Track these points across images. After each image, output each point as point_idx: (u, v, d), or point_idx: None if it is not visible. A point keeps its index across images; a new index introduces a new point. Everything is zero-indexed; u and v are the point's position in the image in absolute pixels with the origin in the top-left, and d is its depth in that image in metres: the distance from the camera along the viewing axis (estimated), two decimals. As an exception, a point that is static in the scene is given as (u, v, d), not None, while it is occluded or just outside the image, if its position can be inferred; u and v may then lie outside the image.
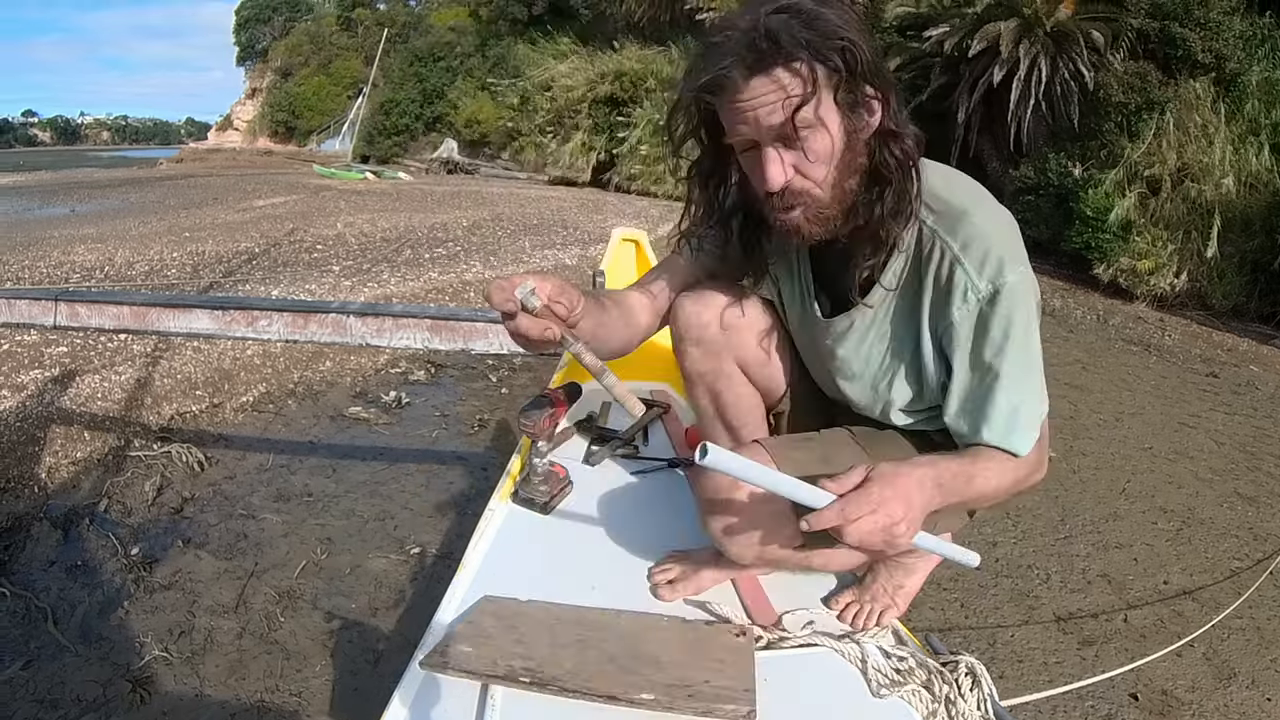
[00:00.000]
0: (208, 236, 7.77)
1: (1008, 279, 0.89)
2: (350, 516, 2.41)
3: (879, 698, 0.99)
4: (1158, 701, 1.77)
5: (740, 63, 0.82)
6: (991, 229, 0.91)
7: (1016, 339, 0.91)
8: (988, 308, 0.90)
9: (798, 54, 0.81)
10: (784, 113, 0.83)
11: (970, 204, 0.93)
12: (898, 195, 0.90)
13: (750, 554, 1.04)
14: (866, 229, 0.93)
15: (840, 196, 0.90)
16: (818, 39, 0.81)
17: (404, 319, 1.95)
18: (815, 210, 0.91)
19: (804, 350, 1.19)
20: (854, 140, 0.88)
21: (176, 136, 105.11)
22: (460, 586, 1.17)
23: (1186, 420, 3.75)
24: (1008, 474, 0.94)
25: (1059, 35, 8.21)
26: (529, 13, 20.45)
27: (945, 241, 0.92)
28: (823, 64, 0.82)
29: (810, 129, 0.84)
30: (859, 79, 0.84)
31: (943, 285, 0.92)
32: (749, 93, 0.83)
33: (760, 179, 0.89)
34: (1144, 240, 6.98)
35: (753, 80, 0.83)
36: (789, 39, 0.80)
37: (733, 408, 1.20)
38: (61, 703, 1.59)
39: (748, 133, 0.87)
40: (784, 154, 0.87)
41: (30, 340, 3.77)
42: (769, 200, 0.91)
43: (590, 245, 7.76)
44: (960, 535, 1.11)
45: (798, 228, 0.92)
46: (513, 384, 3.80)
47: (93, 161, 35.55)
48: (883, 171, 0.90)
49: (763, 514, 1.00)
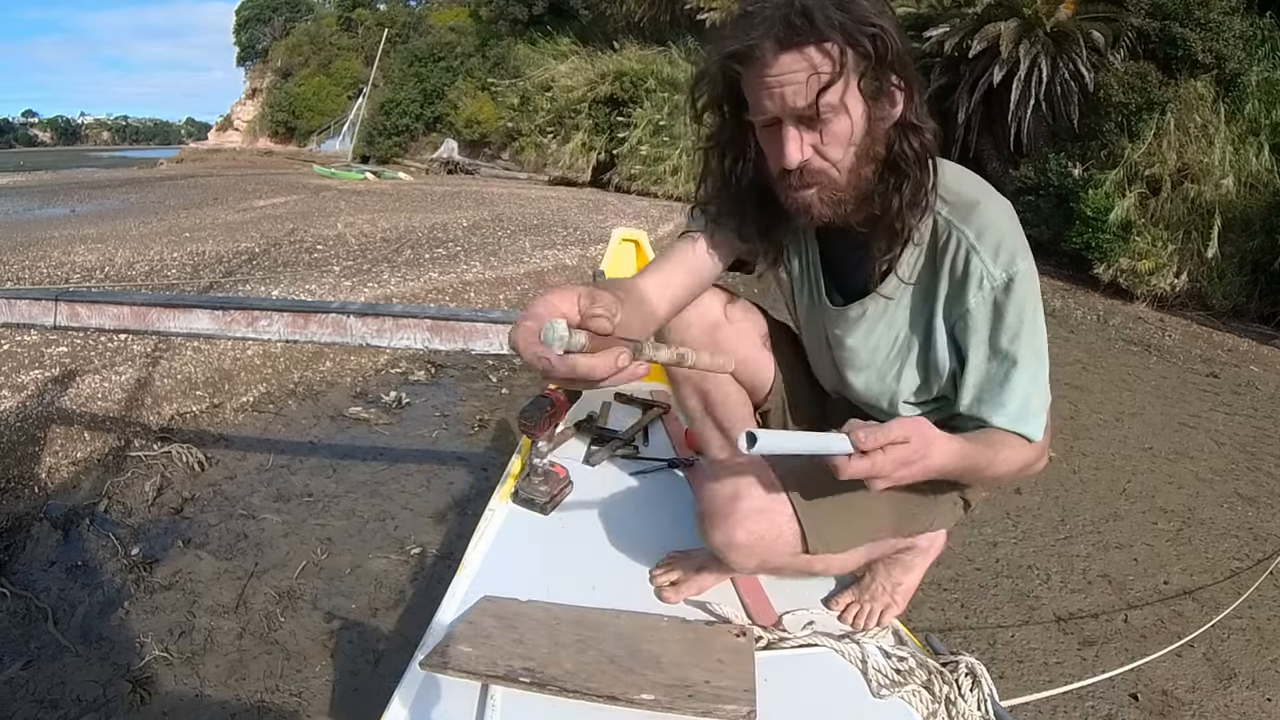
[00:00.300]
0: (208, 237, 7.76)
1: (1020, 267, 0.91)
2: (350, 517, 2.41)
3: (879, 698, 0.99)
4: (1158, 702, 1.77)
5: (772, 35, 0.82)
6: (1003, 219, 0.93)
7: (1029, 326, 0.93)
8: (1003, 295, 0.92)
9: (830, 35, 0.81)
10: (810, 92, 0.83)
11: (981, 195, 0.95)
12: (914, 188, 0.91)
13: (752, 563, 1.03)
14: (882, 220, 0.93)
15: (855, 182, 0.90)
16: (851, 22, 0.81)
17: (404, 319, 1.95)
18: (829, 192, 0.91)
19: (807, 339, 1.19)
20: (875, 128, 0.88)
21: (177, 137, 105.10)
22: (460, 587, 1.17)
23: (1187, 420, 3.75)
24: (1018, 459, 0.96)
25: (1059, 35, 8.21)
26: (529, 13, 20.42)
27: (961, 231, 0.93)
28: (853, 48, 0.82)
29: (833, 111, 0.84)
30: (886, 67, 0.84)
31: (958, 274, 0.93)
32: (777, 67, 0.83)
33: (778, 156, 0.89)
34: (1144, 240, 6.99)
35: (783, 55, 0.83)
36: (823, 19, 0.80)
37: (721, 406, 1.20)
38: (61, 703, 1.59)
39: (771, 109, 0.86)
40: (804, 134, 0.87)
41: (30, 340, 3.76)
42: (784, 178, 0.91)
43: (590, 245, 7.76)
44: (959, 533, 1.11)
45: (809, 206, 0.92)
46: (513, 384, 3.80)
47: (93, 162, 35.57)
48: (900, 163, 0.90)
49: (762, 523, 0.99)
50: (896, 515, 1.07)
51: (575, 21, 19.91)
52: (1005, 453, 0.94)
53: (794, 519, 0.99)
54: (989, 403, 0.95)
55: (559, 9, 20.24)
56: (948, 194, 0.94)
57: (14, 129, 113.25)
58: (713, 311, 1.16)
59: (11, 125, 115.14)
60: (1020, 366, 0.93)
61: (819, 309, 1.11)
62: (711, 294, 1.16)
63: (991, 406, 0.95)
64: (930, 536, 1.19)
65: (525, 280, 6.20)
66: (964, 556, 2.33)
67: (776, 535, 0.99)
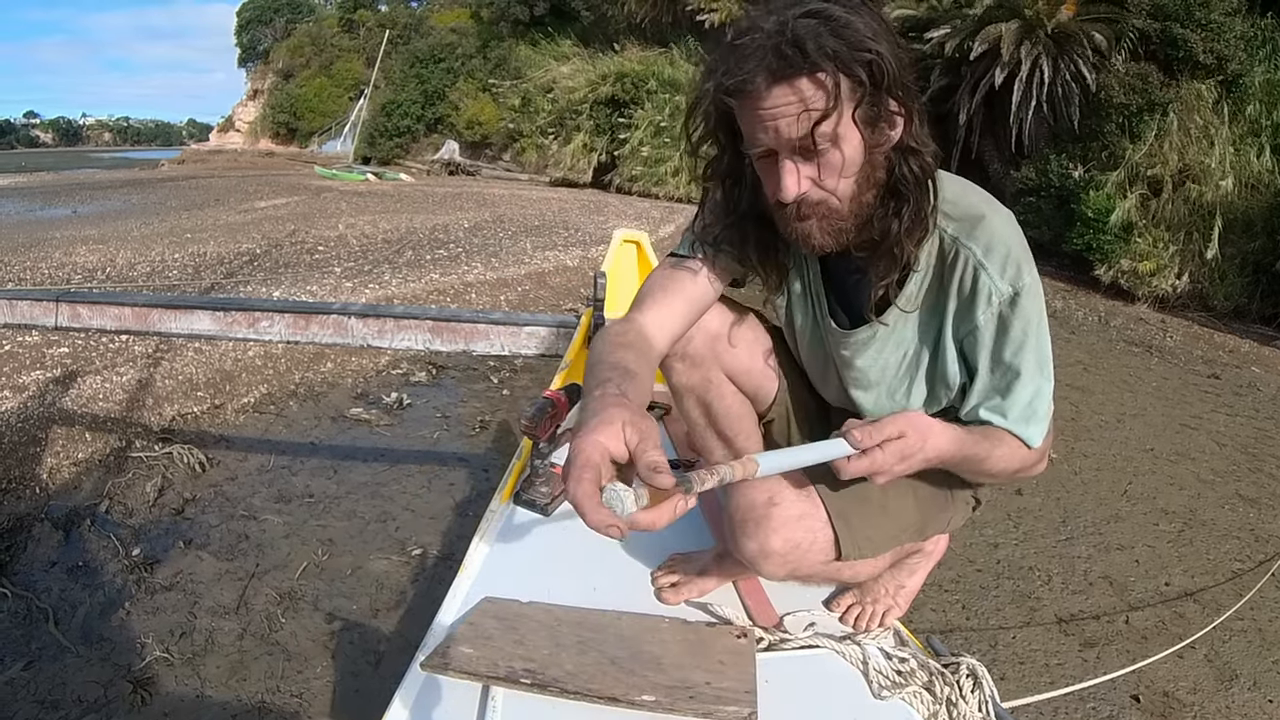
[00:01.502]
0: (209, 238, 7.77)
1: (1025, 281, 0.91)
2: (351, 518, 2.41)
3: (880, 699, 0.99)
4: (1159, 703, 1.77)
5: (764, 68, 0.80)
6: (1008, 232, 0.93)
7: (1033, 336, 0.93)
8: (1009, 309, 0.92)
9: (823, 64, 0.79)
10: (804, 125, 0.81)
11: (985, 209, 0.94)
12: (914, 212, 0.90)
13: (783, 571, 1.01)
14: (882, 246, 0.92)
15: (856, 209, 0.89)
16: (845, 50, 0.79)
17: (405, 320, 1.96)
18: (830, 221, 0.90)
19: (809, 360, 1.17)
20: (873, 154, 0.87)
21: (178, 138, 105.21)
22: (461, 588, 1.17)
23: (1188, 422, 3.75)
24: (1015, 458, 0.96)
25: (1060, 37, 8.21)
26: (530, 14, 20.44)
27: (968, 249, 0.92)
28: (848, 77, 0.80)
29: (829, 142, 0.83)
30: (883, 93, 0.82)
31: (967, 291, 0.93)
32: (770, 101, 0.81)
33: (775, 188, 0.88)
34: (1145, 242, 6.99)
35: (774, 88, 0.81)
36: (815, 48, 0.78)
37: (724, 418, 1.18)
38: (62, 703, 1.59)
39: (766, 141, 0.85)
40: (801, 165, 0.86)
41: (32, 341, 3.77)
42: (782, 209, 0.90)
43: (592, 247, 7.76)
44: (960, 534, 1.11)
45: (809, 237, 0.91)
46: (514, 385, 3.80)
47: (94, 163, 35.59)
48: (900, 187, 0.89)
49: (798, 530, 0.97)
50: (922, 517, 1.07)
51: (576, 23, 19.93)
52: (1002, 449, 0.95)
53: (828, 525, 0.98)
54: (991, 409, 0.95)
55: (560, 10, 20.26)
56: (952, 210, 0.93)
57: (16, 130, 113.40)
58: (714, 323, 1.14)
59: (13, 126, 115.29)
60: (1024, 378, 0.93)
61: (823, 330, 1.09)
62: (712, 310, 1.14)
63: (994, 414, 0.95)
64: (935, 539, 1.18)
65: (526, 281, 6.21)
66: (965, 558, 2.33)
67: (812, 542, 0.97)
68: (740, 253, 1.06)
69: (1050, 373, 0.96)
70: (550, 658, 0.97)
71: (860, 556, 1.01)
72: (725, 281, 1.11)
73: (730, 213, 1.02)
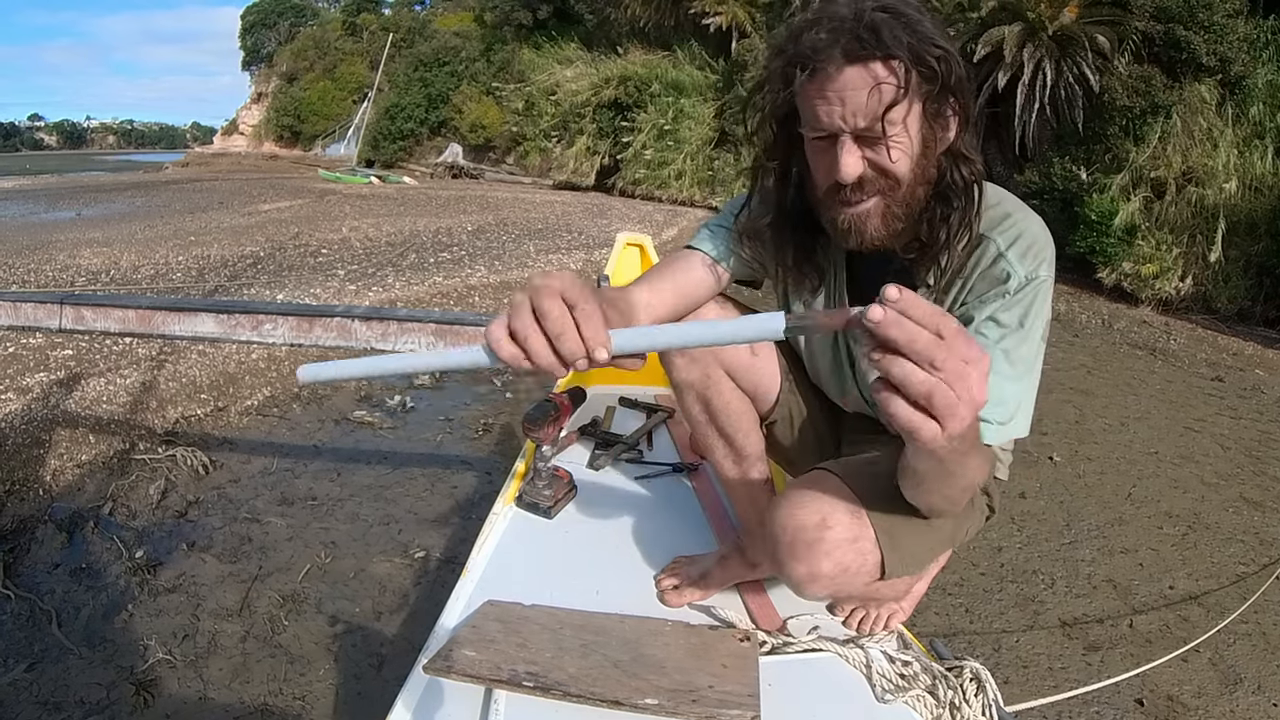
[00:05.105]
0: (213, 240, 7.79)
1: (1041, 274, 0.92)
2: (355, 520, 2.41)
3: (884, 703, 0.99)
4: (1163, 707, 1.76)
5: (839, 47, 0.81)
6: (1036, 229, 0.95)
7: (1031, 330, 0.93)
8: (1016, 294, 0.92)
9: (897, 52, 0.80)
10: (872, 108, 0.82)
11: (1014, 208, 0.97)
12: (960, 219, 0.91)
13: (827, 593, 0.97)
14: (929, 249, 0.93)
15: (910, 200, 0.89)
16: (918, 43, 0.81)
17: (409, 323, 1.96)
18: (889, 204, 0.89)
19: (827, 366, 1.17)
20: (930, 151, 0.88)
21: (182, 141, 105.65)
22: (464, 590, 1.17)
23: (1192, 425, 3.74)
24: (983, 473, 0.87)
25: (1063, 39, 8.20)
26: (533, 17, 20.50)
27: (995, 241, 0.94)
28: (919, 68, 0.81)
29: (895, 129, 0.84)
30: (948, 91, 0.84)
31: (988, 280, 0.95)
32: (842, 80, 0.82)
33: (832, 169, 0.87)
34: (1149, 244, 6.97)
35: (849, 69, 0.82)
36: (890, 36, 0.80)
37: (723, 414, 1.17)
38: (65, 705, 1.59)
39: (829, 123, 0.85)
40: (862, 149, 0.86)
41: (36, 343, 3.78)
42: (834, 193, 0.90)
43: (595, 249, 7.77)
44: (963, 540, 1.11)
45: (865, 220, 0.90)
46: (517, 388, 3.80)
47: (99, 165, 35.77)
48: (949, 193, 0.90)
49: (850, 554, 0.92)
50: (954, 526, 1.04)
51: (580, 26, 19.97)
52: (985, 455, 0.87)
53: (877, 546, 0.93)
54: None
55: (563, 13, 20.31)
56: (985, 209, 0.94)
57: (20, 133, 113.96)
58: (709, 316, 1.14)
59: (18, 129, 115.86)
60: (1016, 373, 0.92)
61: (849, 336, 1.07)
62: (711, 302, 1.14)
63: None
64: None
65: (529, 284, 6.20)
66: (968, 561, 2.32)
67: (860, 565, 0.92)
68: (778, 254, 1.06)
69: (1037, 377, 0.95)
70: (553, 661, 0.97)
71: (905, 573, 0.96)
72: (726, 281, 1.11)
73: (777, 206, 1.02)
